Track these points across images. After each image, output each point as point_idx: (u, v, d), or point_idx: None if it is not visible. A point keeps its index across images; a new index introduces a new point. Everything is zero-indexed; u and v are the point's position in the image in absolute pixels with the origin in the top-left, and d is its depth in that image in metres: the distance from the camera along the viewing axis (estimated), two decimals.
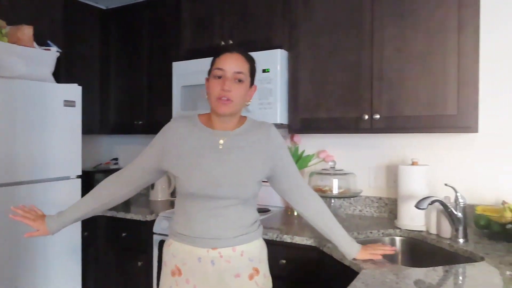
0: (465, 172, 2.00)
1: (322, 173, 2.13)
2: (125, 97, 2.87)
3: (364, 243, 1.81)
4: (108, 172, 3.03)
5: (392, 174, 2.18)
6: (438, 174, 2.04)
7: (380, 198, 2.20)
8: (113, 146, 3.35)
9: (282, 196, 1.51)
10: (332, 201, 2.16)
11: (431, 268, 1.34)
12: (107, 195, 1.40)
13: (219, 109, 1.28)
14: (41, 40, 2.29)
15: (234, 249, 1.29)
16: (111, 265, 2.49)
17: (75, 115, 2.28)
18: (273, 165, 1.36)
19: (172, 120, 1.39)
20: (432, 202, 1.62)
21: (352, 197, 2.12)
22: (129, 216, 2.37)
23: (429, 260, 1.71)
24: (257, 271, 1.33)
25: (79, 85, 2.32)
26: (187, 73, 2.39)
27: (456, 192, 1.68)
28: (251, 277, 1.31)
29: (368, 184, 2.24)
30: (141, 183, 1.41)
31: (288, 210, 2.35)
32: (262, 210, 2.35)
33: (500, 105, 1.92)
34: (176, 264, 1.30)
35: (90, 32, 2.83)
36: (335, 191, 2.05)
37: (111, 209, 2.46)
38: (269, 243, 1.82)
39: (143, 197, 2.99)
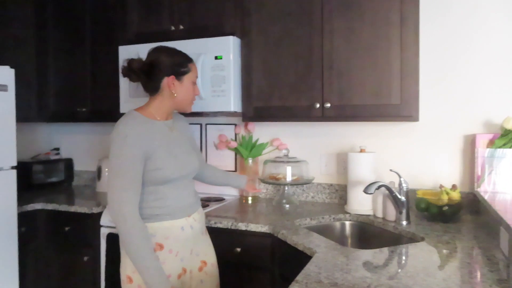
0: (407, 158, 2.13)
1: (276, 161, 2.16)
2: (66, 82, 2.68)
3: (316, 227, 1.89)
4: (48, 163, 2.83)
5: (342, 161, 2.26)
6: (383, 161, 2.15)
7: (331, 185, 2.28)
8: (53, 135, 3.13)
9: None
10: (286, 188, 2.20)
11: (378, 249, 1.42)
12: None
13: (190, 109, 1.60)
14: None
15: (198, 211, 1.60)
16: (53, 262, 2.34)
17: (8, 100, 2.09)
18: (194, 144, 1.73)
19: (128, 125, 1.40)
20: (379, 187, 1.71)
21: (305, 184, 2.18)
22: (73, 209, 2.24)
23: (376, 241, 1.80)
24: (205, 227, 1.68)
25: (11, 67, 2.12)
26: (124, 60, 2.26)
27: (400, 177, 1.78)
28: (206, 232, 1.67)
29: (320, 171, 2.31)
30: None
31: (243, 199, 2.36)
32: (217, 199, 2.34)
33: (438, 96, 2.06)
34: (156, 242, 1.43)
35: (22, 11, 2.58)
36: (289, 178, 2.09)
37: (52, 202, 2.32)
38: (224, 232, 1.84)
39: (88, 188, 2.84)
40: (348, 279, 1.14)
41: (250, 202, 2.30)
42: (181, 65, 1.51)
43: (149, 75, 1.48)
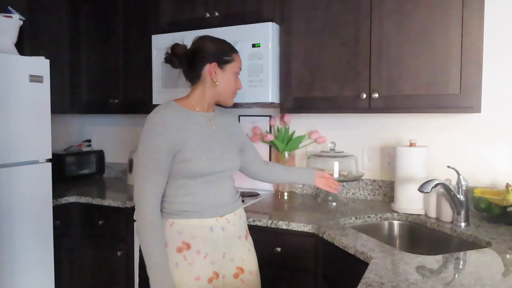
0: (461, 153, 1.95)
1: (321, 155, 2.01)
2: (98, 73, 2.62)
3: (362, 227, 1.76)
4: (81, 155, 2.80)
5: (386, 155, 2.10)
6: (433, 155, 1.98)
7: (374, 181, 2.12)
8: (85, 126, 3.10)
9: (246, 169, 1.69)
10: None
11: (442, 255, 1.28)
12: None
13: (231, 102, 1.50)
14: (0, 5, 2.02)
15: (235, 213, 1.47)
16: (87, 256, 2.31)
17: (43, 92, 2.03)
18: (242, 140, 1.61)
19: (158, 114, 1.34)
20: (436, 185, 1.55)
21: (354, 181, 2.02)
22: (106, 202, 2.19)
23: (429, 244, 1.66)
24: (247, 231, 1.55)
25: (46, 58, 2.07)
26: (168, 47, 2.18)
27: (458, 174, 1.61)
28: (246, 237, 1.52)
29: (362, 166, 2.16)
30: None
31: (278, 194, 2.25)
32: (252, 194, 2.23)
33: (499, 84, 1.86)
34: (183, 240, 1.35)
35: (55, 2, 2.52)
36: (336, 174, 1.94)
37: (85, 195, 2.28)
38: (263, 230, 1.74)
39: (120, 181, 2.79)
40: None
41: (286, 198, 2.19)
42: (225, 53, 1.43)
43: (191, 62, 1.42)
